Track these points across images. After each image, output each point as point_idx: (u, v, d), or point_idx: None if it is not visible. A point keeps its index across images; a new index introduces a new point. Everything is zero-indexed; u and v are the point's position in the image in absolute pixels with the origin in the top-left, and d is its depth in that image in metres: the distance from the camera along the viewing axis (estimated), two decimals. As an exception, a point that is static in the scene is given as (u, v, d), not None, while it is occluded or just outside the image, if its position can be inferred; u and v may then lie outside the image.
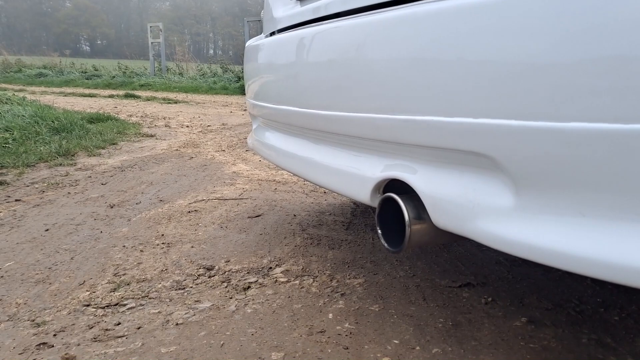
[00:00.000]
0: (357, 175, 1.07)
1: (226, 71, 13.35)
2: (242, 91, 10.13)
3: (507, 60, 0.70)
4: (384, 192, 1.01)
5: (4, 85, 12.56)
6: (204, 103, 8.69)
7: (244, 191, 2.64)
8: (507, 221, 0.76)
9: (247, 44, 1.80)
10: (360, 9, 1.05)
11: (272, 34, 1.61)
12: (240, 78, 11.73)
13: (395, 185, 0.99)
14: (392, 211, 0.97)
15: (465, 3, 0.75)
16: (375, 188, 1.02)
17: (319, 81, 1.16)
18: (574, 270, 0.67)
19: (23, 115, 4.28)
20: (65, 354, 1.10)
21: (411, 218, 0.91)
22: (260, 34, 1.82)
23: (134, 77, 13.65)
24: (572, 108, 0.64)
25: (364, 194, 1.04)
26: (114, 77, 13.98)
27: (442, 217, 0.86)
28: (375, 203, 1.02)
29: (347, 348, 1.13)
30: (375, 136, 0.99)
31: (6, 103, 4.88)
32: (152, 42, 14.21)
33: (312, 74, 1.19)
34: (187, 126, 5.45)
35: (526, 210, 0.73)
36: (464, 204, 0.82)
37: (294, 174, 1.43)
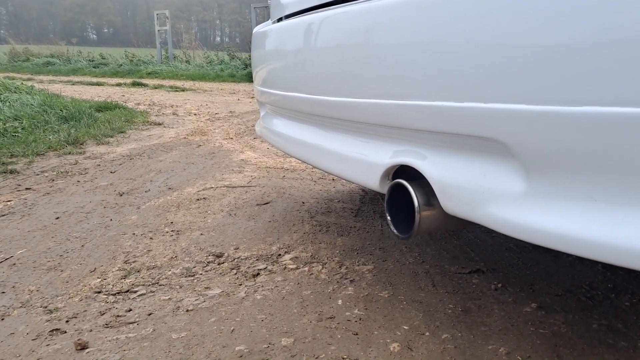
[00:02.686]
0: (366, 162, 1.07)
1: (233, 58, 13.32)
2: (249, 78, 10.11)
3: (518, 43, 0.69)
4: (393, 179, 1.01)
5: (12, 74, 12.60)
6: (211, 91, 8.68)
7: (252, 179, 2.64)
8: (518, 207, 0.75)
9: (254, 31, 1.79)
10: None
11: (280, 19, 1.60)
12: (247, 65, 11.70)
13: (404, 171, 0.98)
14: (402, 197, 0.96)
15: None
16: (384, 174, 1.01)
17: (327, 67, 1.15)
18: (585, 256, 0.66)
19: (32, 104, 4.30)
20: (78, 340, 1.12)
21: (420, 204, 0.91)
22: (268, 20, 1.81)
23: (141, 65, 13.65)
24: (584, 92, 0.63)
25: (373, 181, 1.04)
26: (121, 65, 13.98)
27: (452, 203, 0.86)
28: (384, 189, 1.01)
29: (357, 334, 1.13)
30: (384, 122, 0.98)
31: (15, 92, 4.91)
32: (158, 30, 14.18)
33: (320, 60, 1.18)
34: (195, 114, 5.45)
35: (537, 196, 0.73)
36: (474, 189, 0.82)
37: (302, 161, 1.43)
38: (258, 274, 1.48)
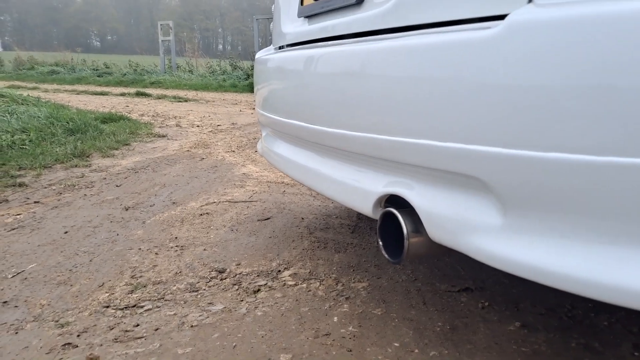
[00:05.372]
0: (361, 189, 1.15)
1: (235, 69, 13.46)
2: (251, 89, 10.21)
3: (495, 93, 0.77)
4: (385, 206, 1.09)
5: (17, 83, 12.74)
6: (213, 101, 8.78)
7: (254, 193, 2.72)
8: (496, 238, 0.83)
9: (257, 56, 1.88)
10: (363, 33, 1.13)
11: (281, 47, 1.68)
12: (249, 75, 11.83)
13: (396, 199, 1.06)
14: (393, 224, 1.04)
15: (457, 39, 0.83)
16: (377, 202, 1.09)
17: (323, 100, 1.23)
18: (553, 286, 0.74)
19: (39, 117, 4.39)
20: (90, 354, 1.19)
21: (409, 231, 0.99)
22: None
23: (144, 75, 13.79)
24: (552, 139, 0.70)
25: (367, 207, 1.12)
26: (125, 74, 14.13)
27: (438, 231, 0.93)
28: (376, 216, 1.09)
29: (351, 350, 1.21)
30: (376, 154, 1.06)
31: (22, 104, 5.01)
32: (162, 40, 14.33)
33: (317, 92, 1.27)
34: (198, 126, 5.54)
35: (512, 230, 0.81)
36: (457, 220, 0.89)
37: (301, 183, 1.51)
38: (259, 290, 1.55)
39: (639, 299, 0.65)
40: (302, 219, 2.26)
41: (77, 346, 1.25)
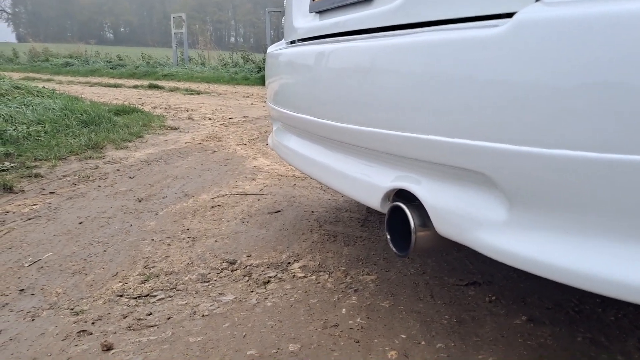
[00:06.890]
0: (369, 183, 1.16)
1: (247, 61, 13.48)
2: (262, 82, 10.23)
3: (501, 90, 0.78)
4: (394, 200, 1.10)
5: (32, 75, 12.87)
6: (225, 94, 8.82)
7: (265, 186, 2.75)
8: (501, 233, 0.84)
9: (268, 50, 1.89)
10: (374, 29, 1.14)
11: (293, 42, 1.70)
12: (260, 68, 11.85)
13: (404, 193, 1.07)
14: (400, 218, 1.06)
15: (464, 37, 0.84)
16: (385, 196, 1.11)
17: (334, 94, 1.25)
18: (554, 279, 0.75)
19: (53, 108, 4.45)
20: (104, 341, 1.23)
21: (417, 225, 1.00)
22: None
23: (157, 67, 13.86)
24: (557, 137, 0.72)
25: (375, 201, 1.13)
26: (138, 67, 14.20)
27: (444, 226, 0.95)
28: (384, 210, 1.11)
29: (358, 341, 1.23)
30: (384, 149, 1.08)
31: (37, 96, 5.08)
32: (174, 33, 14.38)
33: (328, 87, 1.28)
34: (210, 118, 5.58)
35: (517, 225, 0.82)
36: (464, 215, 0.91)
37: (310, 177, 1.52)
38: (269, 281, 1.58)
39: (640, 294, 0.67)
40: (312, 212, 2.28)
41: (91, 333, 1.28)
